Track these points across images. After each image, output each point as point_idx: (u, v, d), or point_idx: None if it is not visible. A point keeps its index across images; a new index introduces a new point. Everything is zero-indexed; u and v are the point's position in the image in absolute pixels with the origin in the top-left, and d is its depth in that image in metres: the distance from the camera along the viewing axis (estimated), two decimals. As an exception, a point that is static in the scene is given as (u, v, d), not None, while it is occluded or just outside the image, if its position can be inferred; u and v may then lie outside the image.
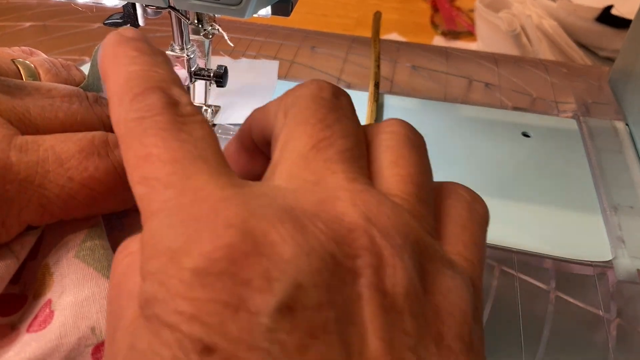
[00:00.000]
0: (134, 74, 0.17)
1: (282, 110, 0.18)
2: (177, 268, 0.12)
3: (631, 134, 0.44)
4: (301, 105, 0.17)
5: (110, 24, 0.33)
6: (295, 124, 0.17)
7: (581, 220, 0.36)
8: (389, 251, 0.14)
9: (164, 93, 0.16)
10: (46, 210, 0.18)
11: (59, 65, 0.25)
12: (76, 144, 0.19)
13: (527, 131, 0.43)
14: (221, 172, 0.15)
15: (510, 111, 0.46)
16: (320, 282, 0.12)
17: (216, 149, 0.16)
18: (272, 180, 0.16)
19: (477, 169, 0.39)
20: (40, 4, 0.59)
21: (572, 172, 0.40)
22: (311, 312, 0.12)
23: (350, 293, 0.13)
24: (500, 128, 0.44)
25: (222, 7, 0.26)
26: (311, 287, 0.12)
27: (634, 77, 0.46)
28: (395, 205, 0.15)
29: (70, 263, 0.19)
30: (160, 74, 0.17)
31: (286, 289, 0.12)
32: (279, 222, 0.13)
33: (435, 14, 1.38)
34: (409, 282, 0.13)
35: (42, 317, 0.18)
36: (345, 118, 0.17)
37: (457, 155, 0.40)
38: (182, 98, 0.16)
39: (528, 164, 0.40)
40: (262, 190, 0.15)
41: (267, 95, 0.44)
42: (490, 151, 0.41)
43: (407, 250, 0.14)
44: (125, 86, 0.16)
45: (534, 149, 0.42)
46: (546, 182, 0.39)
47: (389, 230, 0.14)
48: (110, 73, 0.17)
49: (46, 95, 0.21)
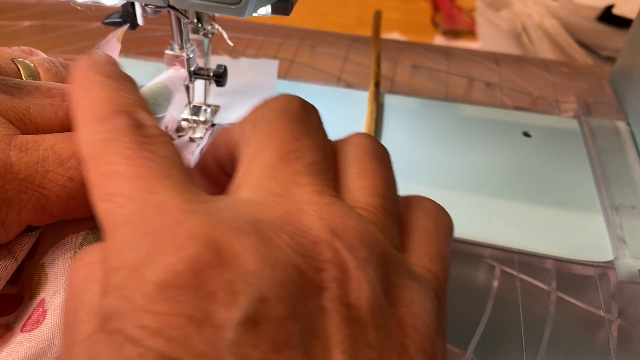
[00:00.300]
0: (101, 98, 0.17)
1: (249, 123, 0.18)
2: (140, 281, 0.12)
3: (632, 133, 0.44)
4: (270, 118, 0.17)
5: (109, 23, 0.32)
6: (263, 136, 0.17)
7: (582, 221, 0.36)
8: (354, 264, 0.14)
9: (130, 116, 0.16)
10: (46, 210, 0.18)
11: (59, 64, 0.25)
12: (76, 143, 0.19)
13: (528, 131, 0.43)
14: (186, 188, 0.14)
15: (511, 111, 0.46)
16: (284, 295, 0.12)
17: (181, 167, 0.16)
18: (238, 192, 0.16)
19: (478, 169, 0.39)
20: (39, 3, 0.59)
21: (573, 172, 0.40)
22: (275, 325, 0.12)
23: (315, 306, 0.13)
24: (501, 128, 0.44)
25: (222, 6, 0.26)
26: (276, 300, 0.12)
27: (635, 77, 0.46)
28: (361, 217, 0.15)
29: (66, 263, 0.19)
30: (126, 98, 0.17)
31: (250, 302, 0.12)
32: (243, 234, 0.13)
33: (436, 13, 1.38)
34: (373, 295, 0.13)
35: (35, 317, 0.18)
36: (313, 131, 0.17)
37: (457, 155, 0.40)
38: (148, 121, 0.17)
39: (529, 163, 0.40)
40: (227, 202, 0.15)
41: (267, 95, 0.44)
42: (491, 151, 0.41)
43: (371, 262, 0.14)
44: (91, 109, 0.17)
45: (534, 148, 0.42)
46: (547, 182, 0.38)
47: (354, 243, 0.14)
48: (78, 97, 0.18)
49: (46, 95, 0.21)
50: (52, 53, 0.49)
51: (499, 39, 1.01)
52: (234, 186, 0.17)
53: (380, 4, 1.42)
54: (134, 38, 0.52)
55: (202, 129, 0.39)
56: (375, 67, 0.47)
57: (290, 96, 0.18)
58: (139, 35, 0.52)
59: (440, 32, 1.32)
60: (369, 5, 1.42)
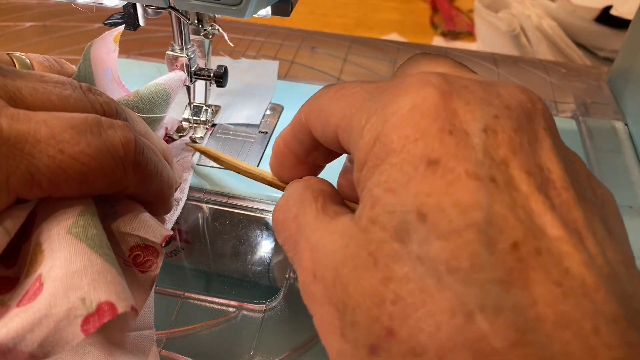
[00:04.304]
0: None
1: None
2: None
3: (630, 134, 0.44)
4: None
5: (110, 24, 0.33)
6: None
7: (580, 220, 0.36)
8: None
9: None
10: (35, 180, 0.18)
11: (52, 59, 0.25)
12: (69, 121, 0.19)
13: (527, 131, 0.44)
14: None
15: (509, 111, 0.46)
16: (511, 115, 0.16)
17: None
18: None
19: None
20: (40, 4, 0.59)
21: (571, 172, 0.40)
22: (508, 135, 0.15)
23: (534, 126, 0.16)
24: (499, 128, 0.44)
25: (222, 7, 0.26)
26: (505, 118, 0.16)
27: (633, 77, 0.47)
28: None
29: (62, 238, 0.19)
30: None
31: (487, 117, 0.15)
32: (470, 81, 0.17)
33: (434, 14, 1.39)
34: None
35: (32, 292, 0.18)
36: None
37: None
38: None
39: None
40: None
41: (267, 95, 0.44)
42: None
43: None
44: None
45: (533, 148, 0.42)
46: (545, 182, 0.39)
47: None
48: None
49: (39, 80, 0.21)
50: (54, 54, 0.49)
51: (498, 39, 1.02)
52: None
53: (379, 4, 1.43)
54: (135, 39, 0.52)
55: (203, 129, 0.40)
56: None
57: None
58: (140, 36, 0.52)
59: (439, 33, 1.32)
60: (368, 6, 1.42)
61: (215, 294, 0.30)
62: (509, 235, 0.14)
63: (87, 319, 0.17)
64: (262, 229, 0.35)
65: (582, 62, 0.90)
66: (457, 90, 0.16)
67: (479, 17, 1.10)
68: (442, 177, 0.14)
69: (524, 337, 0.12)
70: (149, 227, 0.22)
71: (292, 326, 0.29)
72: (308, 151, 0.22)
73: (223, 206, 0.35)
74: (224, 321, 0.29)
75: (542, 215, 0.14)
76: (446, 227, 0.14)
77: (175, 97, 0.36)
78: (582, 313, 0.13)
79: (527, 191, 0.15)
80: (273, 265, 0.35)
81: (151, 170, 0.23)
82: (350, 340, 0.14)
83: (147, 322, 0.24)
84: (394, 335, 0.13)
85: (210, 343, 0.28)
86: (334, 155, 0.23)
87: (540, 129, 0.16)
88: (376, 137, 0.16)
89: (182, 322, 0.29)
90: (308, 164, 0.23)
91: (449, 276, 0.13)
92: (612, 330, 0.12)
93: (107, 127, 0.20)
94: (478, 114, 0.15)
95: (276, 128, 0.41)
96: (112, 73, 0.32)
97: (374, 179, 0.16)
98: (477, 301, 0.13)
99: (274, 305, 0.30)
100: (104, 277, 0.18)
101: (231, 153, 0.38)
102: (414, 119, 0.15)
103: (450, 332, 0.13)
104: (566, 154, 0.17)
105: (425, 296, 0.13)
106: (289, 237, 0.19)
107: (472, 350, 0.12)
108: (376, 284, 0.14)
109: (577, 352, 0.12)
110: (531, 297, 0.13)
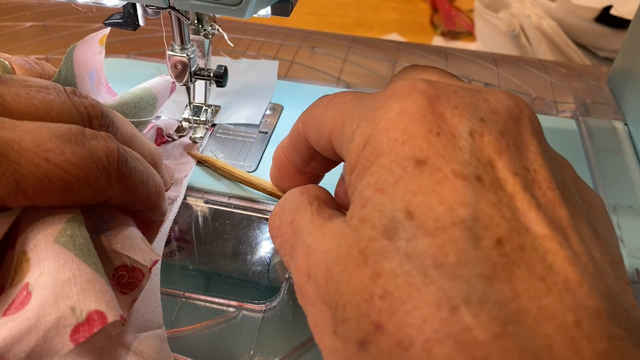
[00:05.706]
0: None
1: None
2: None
3: (630, 133, 0.44)
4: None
5: (110, 24, 0.33)
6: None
7: (580, 220, 0.36)
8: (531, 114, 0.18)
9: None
10: (20, 188, 0.18)
11: (32, 62, 0.25)
12: (53, 131, 0.19)
13: (526, 131, 0.44)
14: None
15: (509, 111, 0.46)
16: (497, 119, 0.16)
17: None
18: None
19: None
20: (40, 4, 0.59)
21: (571, 172, 0.40)
22: (494, 137, 0.16)
23: (520, 130, 0.17)
24: (499, 128, 0.44)
25: (222, 7, 0.26)
26: (491, 121, 0.16)
27: (633, 77, 0.47)
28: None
29: (49, 247, 0.19)
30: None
31: (473, 120, 0.16)
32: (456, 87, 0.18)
33: (434, 14, 1.38)
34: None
35: (19, 300, 0.18)
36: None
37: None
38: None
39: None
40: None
41: (267, 95, 0.44)
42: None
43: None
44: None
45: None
46: (545, 182, 0.39)
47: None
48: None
49: (22, 85, 0.21)
50: (54, 54, 0.49)
51: (498, 39, 1.01)
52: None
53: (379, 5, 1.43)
54: (135, 39, 0.52)
55: (203, 129, 0.40)
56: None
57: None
58: (140, 36, 0.52)
59: (438, 33, 1.32)
60: (368, 6, 1.42)
61: (215, 294, 0.30)
62: (494, 232, 0.14)
63: (77, 328, 0.17)
64: (262, 229, 0.35)
65: (582, 62, 0.90)
66: (445, 95, 0.16)
67: (478, 17, 1.10)
68: (429, 176, 0.15)
69: (506, 329, 0.12)
70: (139, 250, 0.22)
71: (292, 326, 0.29)
72: (306, 161, 0.23)
73: (223, 206, 0.35)
74: (224, 321, 0.29)
75: (527, 214, 0.15)
76: (433, 224, 0.14)
77: (164, 101, 0.35)
78: (565, 306, 0.13)
79: (512, 190, 0.15)
80: (273, 265, 0.35)
81: (136, 179, 0.23)
82: (342, 337, 0.15)
83: (157, 322, 0.24)
84: (382, 329, 0.14)
85: (210, 343, 0.28)
86: (331, 164, 0.23)
87: (527, 133, 0.17)
88: (366, 140, 0.16)
89: (182, 322, 0.29)
90: (307, 174, 0.24)
91: (435, 271, 0.13)
92: (594, 324, 0.13)
93: (90, 137, 0.21)
94: (465, 117, 0.16)
95: (276, 128, 0.41)
96: (97, 75, 0.32)
97: (364, 181, 0.16)
98: (462, 295, 0.13)
99: (274, 305, 0.30)
100: (93, 287, 0.18)
101: (231, 153, 0.38)
102: (402, 122, 0.16)
103: (436, 324, 0.13)
104: (553, 158, 0.18)
105: (412, 290, 0.13)
106: (285, 241, 0.19)
107: (456, 342, 0.12)
108: (366, 280, 0.14)
109: (558, 344, 0.12)
110: (514, 291, 0.13)
